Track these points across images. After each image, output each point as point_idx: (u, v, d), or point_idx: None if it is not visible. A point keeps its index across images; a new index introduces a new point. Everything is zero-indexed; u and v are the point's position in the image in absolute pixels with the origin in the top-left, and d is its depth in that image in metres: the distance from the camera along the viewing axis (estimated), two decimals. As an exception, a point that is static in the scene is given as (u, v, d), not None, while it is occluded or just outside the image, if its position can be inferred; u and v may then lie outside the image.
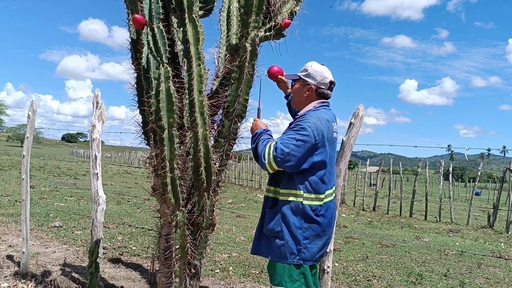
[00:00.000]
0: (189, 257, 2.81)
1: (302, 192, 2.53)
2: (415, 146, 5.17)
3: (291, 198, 2.55)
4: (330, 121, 2.62)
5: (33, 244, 5.72)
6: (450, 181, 15.94)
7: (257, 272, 5.25)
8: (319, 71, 2.67)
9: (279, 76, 3.03)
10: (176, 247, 2.73)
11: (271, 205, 2.64)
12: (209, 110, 2.71)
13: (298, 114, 2.70)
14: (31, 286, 4.10)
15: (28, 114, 4.62)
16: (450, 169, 16.47)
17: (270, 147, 2.50)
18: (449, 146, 32.13)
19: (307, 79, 2.69)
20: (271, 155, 2.47)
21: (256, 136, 2.65)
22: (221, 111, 2.86)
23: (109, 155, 57.17)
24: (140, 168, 35.02)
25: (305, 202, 2.56)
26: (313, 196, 2.56)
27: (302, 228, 2.57)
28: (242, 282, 4.86)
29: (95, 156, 4.21)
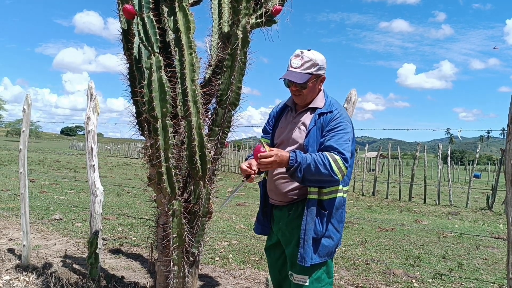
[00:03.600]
0: (186, 245, 2.83)
1: (342, 186, 2.52)
2: (407, 129, 5.15)
3: (335, 195, 2.52)
4: None
5: (33, 237, 5.76)
6: (449, 164, 15.98)
7: (257, 259, 5.30)
8: (323, 58, 2.56)
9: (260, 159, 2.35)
10: (174, 235, 2.75)
11: (316, 206, 2.47)
12: (202, 99, 2.71)
13: (316, 105, 2.58)
14: (33, 278, 4.13)
15: (24, 108, 4.62)
16: (449, 152, 16.50)
17: (336, 161, 2.32)
18: (448, 129, 32.15)
19: (319, 72, 2.54)
20: (342, 168, 2.34)
21: (301, 165, 2.31)
22: (215, 100, 2.86)
23: (109, 148, 57.14)
24: (140, 159, 35.06)
25: (344, 195, 2.59)
26: (347, 188, 2.59)
27: (342, 222, 2.61)
28: (242, 269, 4.90)
29: (91, 148, 4.22)
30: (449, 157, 16.16)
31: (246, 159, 2.72)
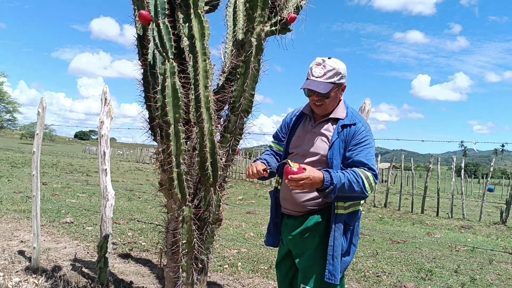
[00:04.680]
0: (196, 252, 2.82)
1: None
2: (422, 140, 5.10)
3: (356, 208, 2.49)
4: None
5: (44, 240, 5.79)
6: (462, 177, 15.79)
7: (266, 268, 5.26)
8: (344, 67, 2.49)
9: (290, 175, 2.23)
10: (183, 242, 2.74)
11: (343, 221, 2.43)
12: (215, 105, 2.71)
13: (337, 116, 2.52)
14: (42, 281, 4.15)
15: (38, 111, 4.66)
16: (462, 165, 16.30)
17: (368, 178, 2.30)
18: (462, 142, 31.78)
19: (341, 80, 2.48)
20: (373, 185, 2.33)
21: (336, 186, 2.23)
22: (227, 106, 2.86)
23: (121, 152, 57.57)
24: (151, 164, 35.21)
25: (362, 208, 2.56)
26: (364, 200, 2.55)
27: (358, 235, 2.59)
28: (251, 278, 4.87)
29: (104, 152, 4.24)
30: (462, 170, 15.97)
31: (254, 161, 2.71)
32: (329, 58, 2.47)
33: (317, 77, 2.43)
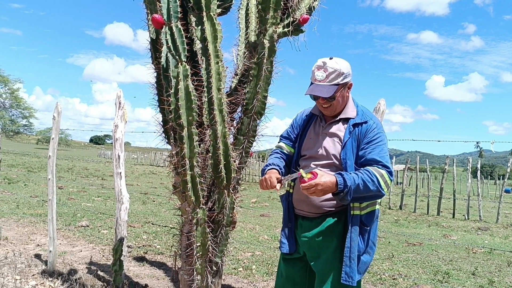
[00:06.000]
0: (210, 255, 2.82)
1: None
2: (438, 141, 5.04)
3: (373, 207, 2.47)
4: None
5: (60, 243, 5.84)
6: (479, 178, 15.57)
7: (281, 271, 5.23)
8: (347, 65, 2.44)
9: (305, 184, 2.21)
10: (197, 244, 2.74)
11: (359, 222, 2.41)
12: (228, 108, 2.71)
13: (348, 115, 2.49)
14: (58, 284, 4.18)
15: (53, 116, 4.71)
16: (478, 165, 16.09)
17: (382, 176, 2.28)
18: (477, 142, 31.37)
19: (346, 80, 2.43)
20: (388, 182, 2.31)
21: (351, 188, 2.22)
22: (240, 109, 2.86)
23: (136, 156, 57.93)
24: (165, 167, 35.39)
25: (379, 207, 2.54)
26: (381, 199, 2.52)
27: (377, 234, 2.56)
28: (265, 281, 4.85)
29: (118, 156, 4.27)
30: (478, 171, 15.77)
31: (263, 170, 2.66)
32: (330, 59, 2.42)
33: (320, 81, 2.40)
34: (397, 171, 32.84)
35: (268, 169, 2.62)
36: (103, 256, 5.46)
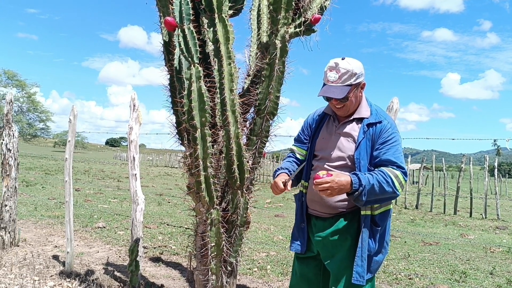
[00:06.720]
0: (224, 255, 2.83)
1: None
2: (453, 139, 4.97)
3: (387, 207, 2.47)
4: None
5: (77, 245, 5.92)
6: (496, 177, 15.36)
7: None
8: (360, 65, 2.43)
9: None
10: (212, 244, 2.76)
11: (370, 223, 2.40)
12: (240, 108, 2.72)
13: (361, 115, 2.48)
14: (76, 284, 4.24)
15: (70, 119, 4.78)
16: (496, 164, 15.86)
17: (397, 177, 2.27)
18: (495, 140, 30.93)
19: (358, 80, 2.42)
20: (403, 183, 2.30)
21: (365, 188, 2.22)
22: (253, 109, 2.87)
23: (151, 158, 58.37)
24: (180, 169, 35.59)
25: (391, 206, 2.53)
26: None
27: (390, 233, 2.55)
28: (280, 281, 4.85)
29: (133, 157, 4.31)
30: (496, 169, 15.54)
31: (275, 172, 2.67)
32: (342, 59, 2.40)
33: (332, 82, 2.39)
34: (413, 170, 32.53)
35: (278, 173, 2.64)
36: (120, 257, 5.52)
